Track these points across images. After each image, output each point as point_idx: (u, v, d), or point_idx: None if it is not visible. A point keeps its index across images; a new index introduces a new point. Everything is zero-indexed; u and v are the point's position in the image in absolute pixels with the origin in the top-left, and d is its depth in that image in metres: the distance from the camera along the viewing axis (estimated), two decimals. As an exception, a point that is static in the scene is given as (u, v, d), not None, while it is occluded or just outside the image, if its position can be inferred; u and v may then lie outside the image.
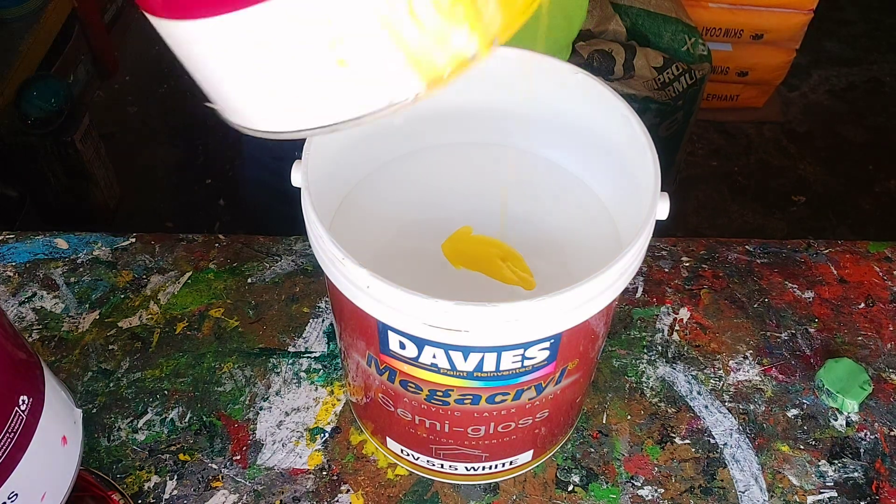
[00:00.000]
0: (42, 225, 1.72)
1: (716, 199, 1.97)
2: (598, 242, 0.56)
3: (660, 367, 0.69)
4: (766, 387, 0.68)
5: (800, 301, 0.74)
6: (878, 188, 2.01)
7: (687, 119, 1.71)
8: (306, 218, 0.47)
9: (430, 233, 0.56)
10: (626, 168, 0.53)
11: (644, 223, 0.46)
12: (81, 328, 0.71)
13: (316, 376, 0.68)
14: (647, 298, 0.74)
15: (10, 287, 0.73)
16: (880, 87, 2.26)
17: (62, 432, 0.48)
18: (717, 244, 0.78)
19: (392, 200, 0.58)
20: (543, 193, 0.59)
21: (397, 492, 0.62)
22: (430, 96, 0.33)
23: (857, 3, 2.47)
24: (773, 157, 2.07)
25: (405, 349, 0.47)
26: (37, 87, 1.61)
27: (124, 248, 0.77)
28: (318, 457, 0.63)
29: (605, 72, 1.57)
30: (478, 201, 0.58)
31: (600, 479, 0.63)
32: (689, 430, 0.65)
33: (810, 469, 0.63)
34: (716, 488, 0.62)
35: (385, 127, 0.57)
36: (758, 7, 1.90)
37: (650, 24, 1.64)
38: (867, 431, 0.65)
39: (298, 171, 0.48)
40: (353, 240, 0.54)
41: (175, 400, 0.66)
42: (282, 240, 0.77)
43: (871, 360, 0.70)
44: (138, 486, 0.62)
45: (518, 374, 0.47)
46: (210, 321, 0.71)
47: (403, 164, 0.59)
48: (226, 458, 0.63)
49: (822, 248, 0.78)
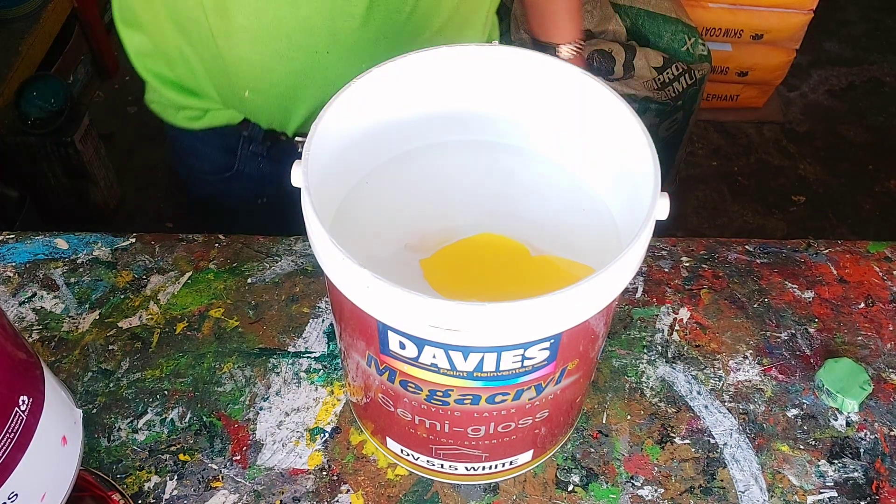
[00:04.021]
0: (42, 225, 1.72)
1: (716, 199, 1.97)
2: (597, 242, 0.56)
3: (660, 367, 0.69)
4: (766, 387, 0.68)
5: (800, 301, 0.74)
6: (878, 188, 2.01)
7: (687, 119, 1.71)
8: (306, 218, 0.47)
9: (430, 232, 0.56)
10: (626, 168, 0.52)
11: (644, 223, 0.46)
12: (81, 328, 0.71)
13: (316, 376, 0.68)
14: (647, 298, 0.74)
15: (10, 287, 0.73)
16: (880, 87, 2.26)
17: (62, 432, 0.48)
18: (717, 244, 0.78)
19: (392, 200, 0.58)
20: (543, 193, 0.59)
21: (397, 492, 0.62)
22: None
23: (857, 3, 2.47)
24: (773, 157, 2.07)
25: (405, 349, 0.47)
26: (37, 87, 1.61)
27: (124, 248, 0.77)
28: (318, 457, 0.63)
29: (605, 72, 1.58)
30: (478, 201, 0.58)
31: (600, 479, 0.63)
32: (689, 430, 0.65)
33: (810, 469, 0.63)
34: (716, 488, 0.62)
35: (385, 126, 0.57)
36: (758, 7, 1.90)
37: (650, 24, 1.64)
38: (867, 431, 0.65)
39: (298, 171, 0.48)
40: (353, 240, 0.54)
41: (175, 400, 0.66)
42: (282, 240, 0.77)
43: (871, 360, 0.70)
44: (138, 486, 0.62)
45: (518, 374, 0.47)
46: (210, 321, 0.71)
47: (403, 163, 0.59)
48: (226, 459, 0.63)
49: (822, 248, 0.78)
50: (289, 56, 0.75)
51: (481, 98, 0.58)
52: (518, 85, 0.57)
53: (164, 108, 0.91)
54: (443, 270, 0.53)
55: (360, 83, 0.53)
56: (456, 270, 0.54)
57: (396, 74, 0.54)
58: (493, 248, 0.55)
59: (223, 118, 0.87)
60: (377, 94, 0.55)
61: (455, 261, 0.54)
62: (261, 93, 0.80)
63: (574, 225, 0.57)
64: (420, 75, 0.56)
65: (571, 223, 0.57)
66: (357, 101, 0.53)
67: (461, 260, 0.54)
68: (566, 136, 0.58)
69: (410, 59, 0.54)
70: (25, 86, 1.60)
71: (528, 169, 0.60)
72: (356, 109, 0.54)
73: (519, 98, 0.58)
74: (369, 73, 0.53)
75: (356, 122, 0.55)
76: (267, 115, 0.84)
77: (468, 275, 0.54)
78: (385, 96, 0.55)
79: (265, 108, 0.83)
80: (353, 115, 0.54)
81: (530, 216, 0.57)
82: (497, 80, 0.57)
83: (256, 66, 0.77)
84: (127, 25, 0.84)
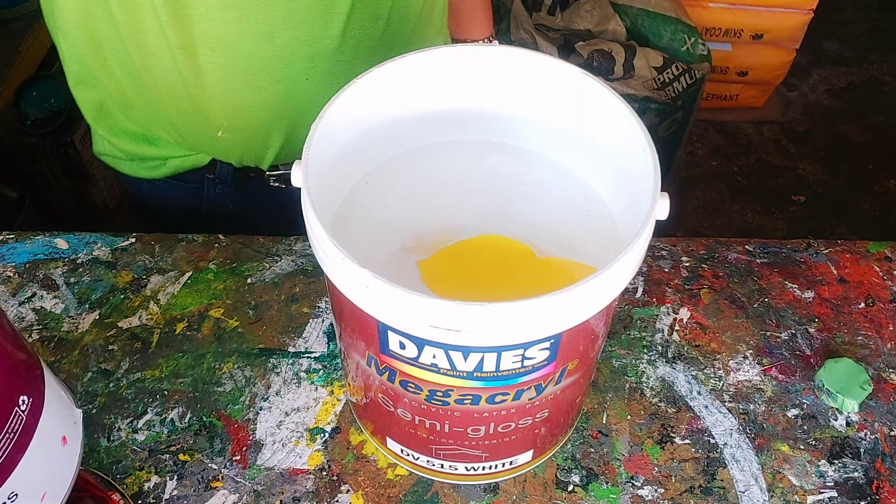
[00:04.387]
0: (42, 225, 1.71)
1: (716, 199, 1.97)
2: (598, 242, 0.56)
3: (660, 367, 0.69)
4: (766, 387, 0.68)
5: (800, 301, 0.74)
6: (877, 188, 2.01)
7: (686, 119, 1.71)
8: (306, 218, 0.47)
9: (430, 232, 0.56)
10: (626, 168, 0.52)
11: (644, 223, 0.46)
12: (81, 328, 0.71)
13: (316, 376, 0.68)
14: (647, 298, 0.74)
15: (10, 287, 0.73)
16: (880, 87, 2.26)
17: (62, 432, 0.48)
18: (717, 244, 0.78)
19: (392, 200, 0.58)
20: (544, 193, 0.59)
21: (397, 492, 0.62)
22: None
23: (857, 3, 2.48)
24: (773, 157, 2.08)
25: (405, 349, 0.47)
26: (36, 87, 1.61)
27: (124, 248, 0.77)
28: (318, 457, 0.63)
29: (605, 72, 1.58)
30: (478, 201, 0.58)
31: (600, 479, 0.63)
32: (689, 430, 0.65)
33: (810, 469, 0.63)
34: (716, 488, 0.62)
35: (385, 126, 0.57)
36: (758, 7, 1.90)
37: (650, 23, 1.65)
38: (867, 431, 0.65)
39: (298, 171, 0.48)
40: (352, 239, 0.54)
41: (175, 400, 0.66)
42: (282, 240, 0.77)
43: (871, 359, 0.70)
44: (138, 487, 0.62)
45: (518, 374, 0.47)
46: (210, 321, 0.71)
47: (403, 163, 0.59)
48: (226, 459, 0.63)
49: (822, 247, 0.78)
50: (266, 88, 0.73)
51: (481, 98, 0.58)
52: (518, 85, 0.57)
53: (117, 161, 0.86)
54: (441, 271, 0.53)
55: (360, 83, 0.53)
56: (454, 271, 0.54)
57: (396, 74, 0.54)
58: (496, 249, 0.55)
59: (189, 163, 0.83)
60: (377, 94, 0.55)
61: (454, 262, 0.54)
62: (236, 130, 0.77)
63: (574, 225, 0.57)
64: (420, 75, 0.56)
65: (571, 223, 0.57)
66: (357, 102, 0.53)
67: (460, 261, 0.54)
68: (566, 137, 0.58)
69: (410, 59, 0.54)
70: (25, 86, 1.60)
71: (527, 169, 0.60)
72: (356, 109, 0.54)
73: (519, 98, 0.58)
74: (369, 73, 0.53)
75: (356, 122, 0.55)
76: (241, 153, 0.81)
77: (467, 276, 0.54)
78: (385, 96, 0.55)
79: (240, 146, 0.80)
80: (352, 116, 0.54)
81: (530, 216, 0.57)
82: (497, 80, 0.57)
83: (231, 103, 0.74)
84: (81, 84, 0.80)
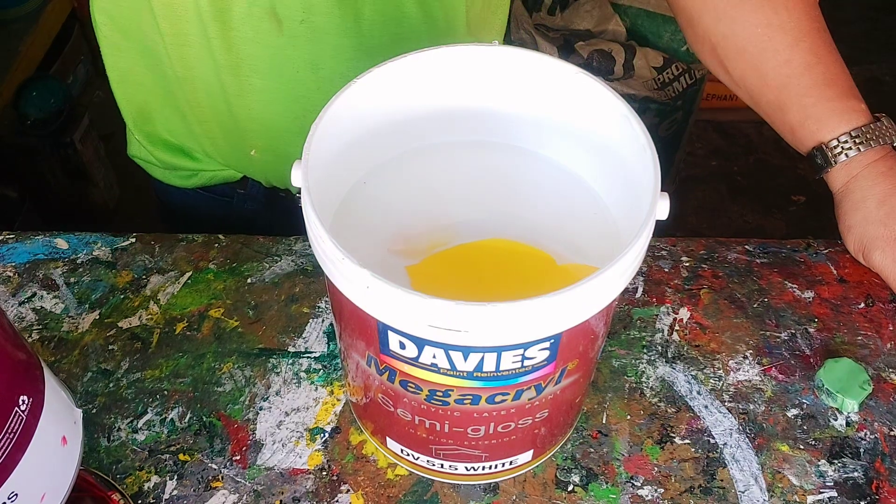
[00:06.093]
0: (42, 225, 1.72)
1: (715, 199, 1.98)
2: (598, 242, 0.56)
3: (659, 367, 0.69)
4: (765, 387, 0.68)
5: (799, 301, 0.74)
6: (877, 188, 2.00)
7: (686, 119, 1.71)
8: (306, 218, 0.47)
9: (430, 232, 0.56)
10: (626, 168, 0.53)
11: (644, 223, 0.46)
12: (81, 328, 0.71)
13: (316, 376, 0.68)
14: (646, 298, 0.74)
15: (10, 287, 0.73)
16: (880, 87, 2.26)
17: (62, 432, 0.48)
18: (717, 244, 0.78)
19: (392, 200, 0.58)
20: (543, 193, 0.59)
21: (397, 492, 0.62)
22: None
23: (857, 3, 2.47)
24: (773, 157, 2.08)
25: (405, 349, 0.47)
26: (36, 87, 1.61)
27: (124, 248, 0.77)
28: (317, 457, 0.63)
29: (605, 72, 1.58)
30: (477, 201, 0.58)
31: (600, 479, 0.63)
32: (688, 430, 0.65)
33: (810, 469, 0.63)
34: (715, 488, 0.62)
35: (385, 127, 0.57)
36: (758, 7, 1.90)
37: (650, 23, 1.64)
38: (867, 431, 0.65)
39: (298, 171, 0.48)
40: (352, 240, 0.54)
41: (175, 400, 0.66)
42: (281, 240, 0.77)
43: (870, 359, 0.70)
44: (138, 487, 0.62)
45: (518, 374, 0.47)
46: (210, 321, 0.71)
47: (403, 163, 0.59)
48: (226, 459, 0.63)
49: (822, 247, 0.78)
50: (303, 116, 0.74)
51: (481, 98, 0.58)
52: (518, 85, 0.57)
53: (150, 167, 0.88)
54: (432, 275, 0.53)
55: (360, 83, 0.53)
56: (448, 275, 0.54)
57: (396, 74, 0.54)
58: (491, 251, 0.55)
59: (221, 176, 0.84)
60: (377, 94, 0.55)
61: (448, 264, 0.54)
62: (268, 151, 0.78)
63: (574, 225, 0.57)
64: (420, 75, 0.56)
65: (571, 223, 0.57)
66: (357, 102, 0.53)
67: (457, 264, 0.54)
68: (566, 137, 0.58)
69: (410, 59, 0.54)
70: (25, 86, 1.60)
71: (527, 169, 0.60)
72: (356, 109, 0.54)
73: (519, 98, 0.58)
74: (369, 73, 0.53)
75: (356, 122, 0.55)
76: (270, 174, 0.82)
77: (464, 278, 0.54)
78: (385, 96, 0.55)
79: (271, 167, 0.81)
80: (352, 116, 0.54)
81: (530, 216, 0.57)
82: (497, 80, 0.57)
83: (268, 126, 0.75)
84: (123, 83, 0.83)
